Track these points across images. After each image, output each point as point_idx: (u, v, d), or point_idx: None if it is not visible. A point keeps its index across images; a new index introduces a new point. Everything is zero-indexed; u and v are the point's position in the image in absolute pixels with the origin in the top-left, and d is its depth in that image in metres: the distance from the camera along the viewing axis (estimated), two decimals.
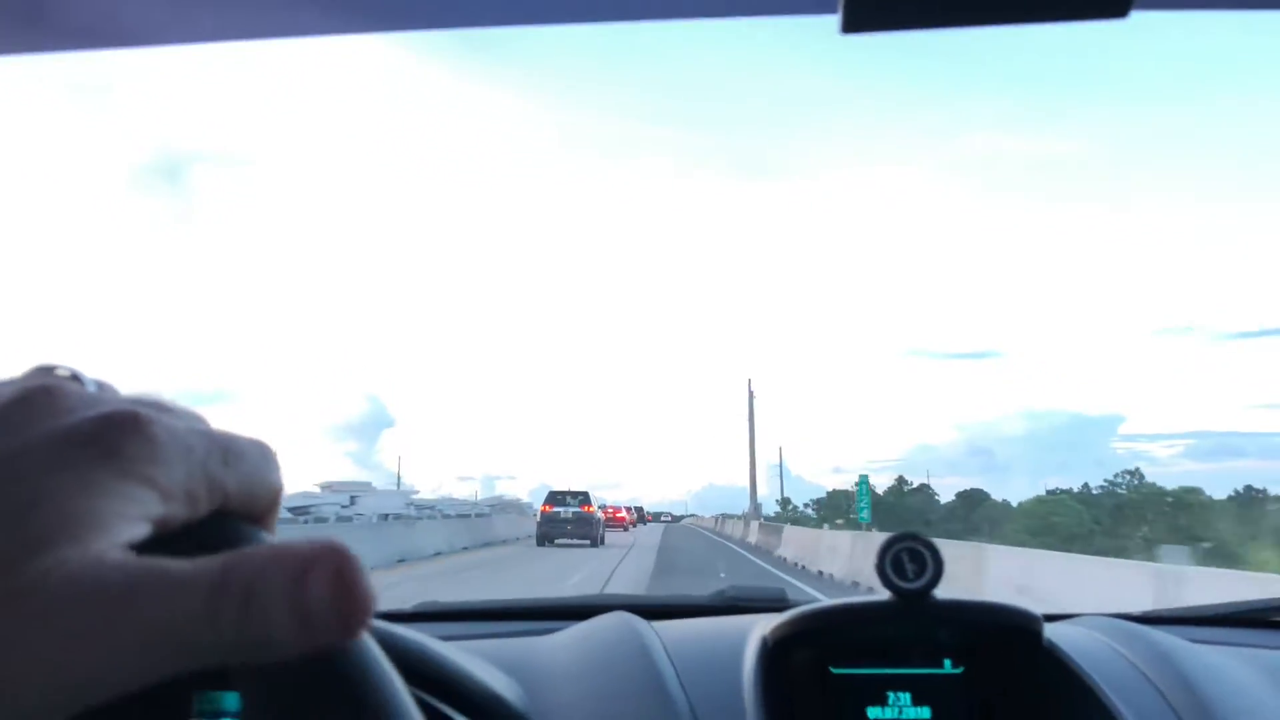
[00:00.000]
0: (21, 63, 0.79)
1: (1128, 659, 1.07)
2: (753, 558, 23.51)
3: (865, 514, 29.76)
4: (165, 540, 0.28)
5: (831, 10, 0.56)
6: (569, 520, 27.41)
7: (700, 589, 1.72)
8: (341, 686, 0.30)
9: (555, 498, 28.26)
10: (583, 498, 27.99)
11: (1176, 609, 1.50)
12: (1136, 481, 60.76)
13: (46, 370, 0.32)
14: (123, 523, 0.26)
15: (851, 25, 0.55)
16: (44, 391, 0.29)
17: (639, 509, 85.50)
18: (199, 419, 0.32)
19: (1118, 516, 52.87)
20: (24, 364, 0.32)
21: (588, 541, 27.30)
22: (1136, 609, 1.45)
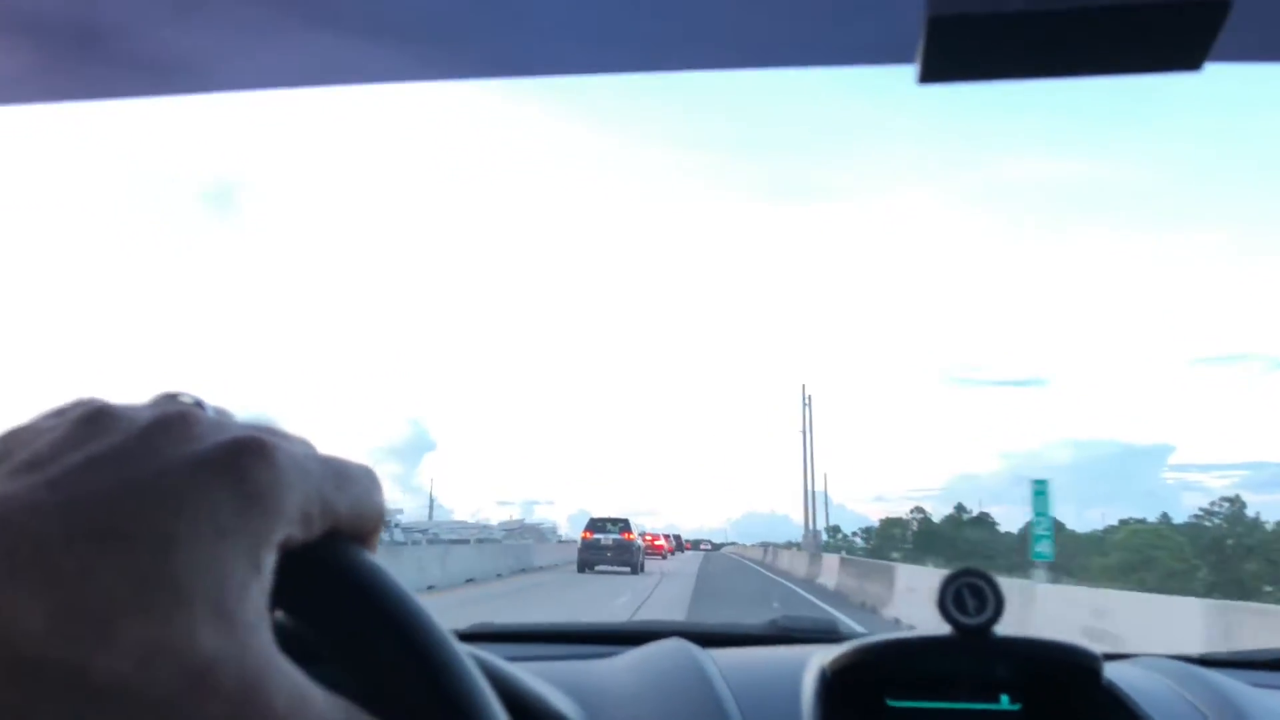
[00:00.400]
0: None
1: (1187, 700, 1.06)
2: (850, 620, 12.86)
3: (1046, 546, 15.18)
4: (281, 560, 0.30)
5: (909, 61, 0.58)
6: (609, 547, 27.84)
7: (751, 618, 1.73)
8: (448, 706, 0.31)
9: (596, 525, 28.77)
10: (623, 525, 28.50)
11: (1236, 652, 1.48)
12: (1238, 510, 53.47)
13: (173, 397, 0.34)
14: (251, 569, 0.28)
15: (929, 76, 0.57)
16: (179, 417, 0.31)
17: (676, 536, 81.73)
18: (310, 444, 0.33)
19: (1222, 551, 46.77)
20: (83, 385, 0.35)
21: (628, 569, 27.29)
22: None
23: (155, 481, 0.28)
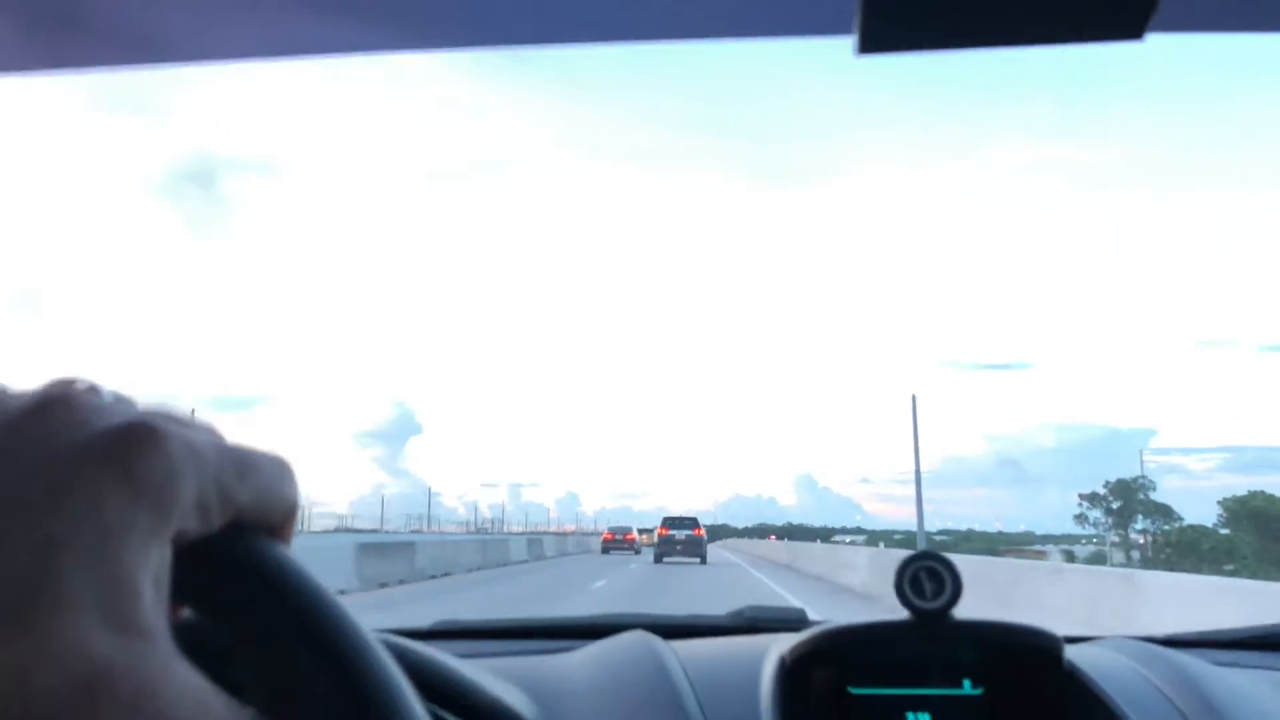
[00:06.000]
0: (59, 77, 0.81)
1: (1150, 680, 1.05)
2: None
3: None
4: (179, 553, 0.28)
5: (847, 32, 0.57)
6: (681, 541, 32.67)
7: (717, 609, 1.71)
8: (359, 704, 0.30)
9: (670, 522, 33.82)
10: (693, 523, 33.49)
11: (1200, 632, 1.48)
12: None
13: (66, 383, 0.31)
14: (143, 569, 0.26)
15: (868, 47, 0.56)
16: (61, 401, 0.29)
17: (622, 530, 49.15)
18: (213, 431, 0.32)
19: None
20: (55, 371, 0.32)
21: (697, 560, 31.92)
22: None
23: (32, 475, 0.26)
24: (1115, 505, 49.76)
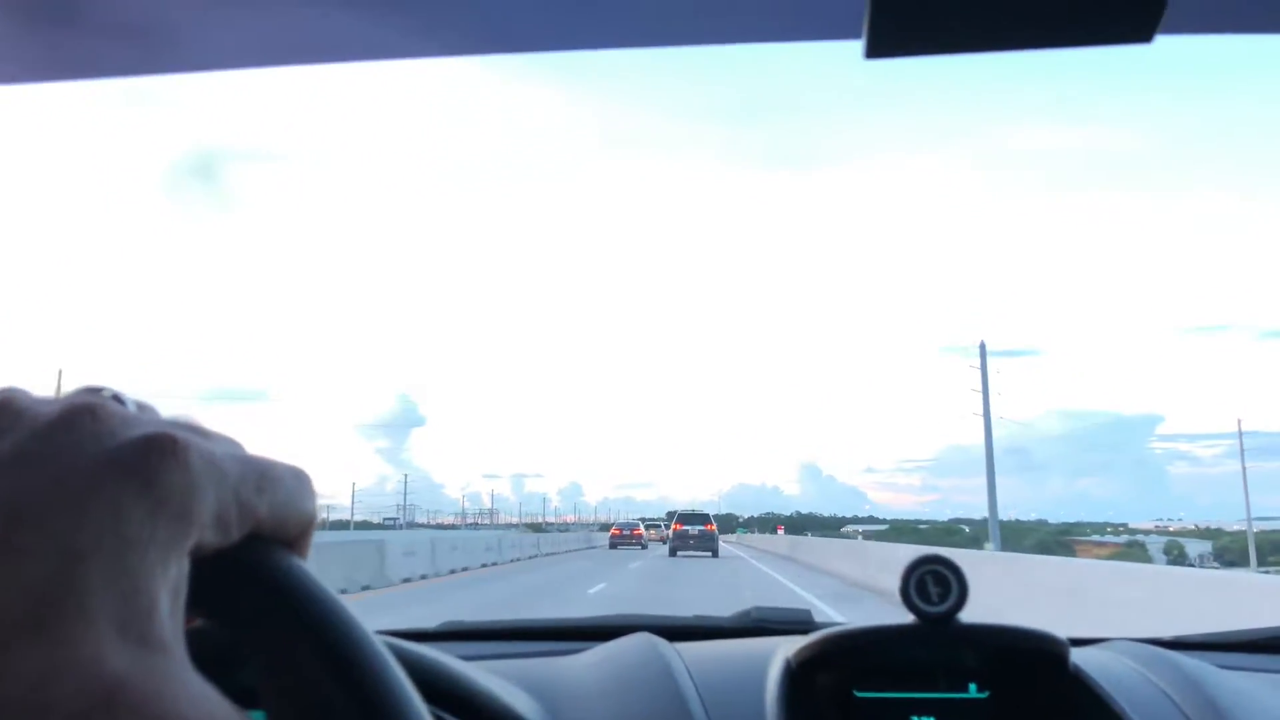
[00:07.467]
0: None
1: (1155, 684, 1.05)
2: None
3: None
4: (198, 564, 0.28)
5: (855, 36, 0.57)
6: (694, 536, 34.64)
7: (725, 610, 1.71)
8: (363, 706, 0.31)
9: (684, 518, 36.04)
10: (705, 518, 35.67)
11: (1206, 634, 1.48)
12: None
13: (92, 391, 0.32)
14: (161, 581, 0.26)
15: (876, 51, 0.56)
16: (87, 411, 0.29)
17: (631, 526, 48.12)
18: (235, 444, 0.32)
19: None
20: (66, 368, 0.31)
21: (709, 553, 33.94)
22: None
23: (56, 488, 0.26)
24: None
